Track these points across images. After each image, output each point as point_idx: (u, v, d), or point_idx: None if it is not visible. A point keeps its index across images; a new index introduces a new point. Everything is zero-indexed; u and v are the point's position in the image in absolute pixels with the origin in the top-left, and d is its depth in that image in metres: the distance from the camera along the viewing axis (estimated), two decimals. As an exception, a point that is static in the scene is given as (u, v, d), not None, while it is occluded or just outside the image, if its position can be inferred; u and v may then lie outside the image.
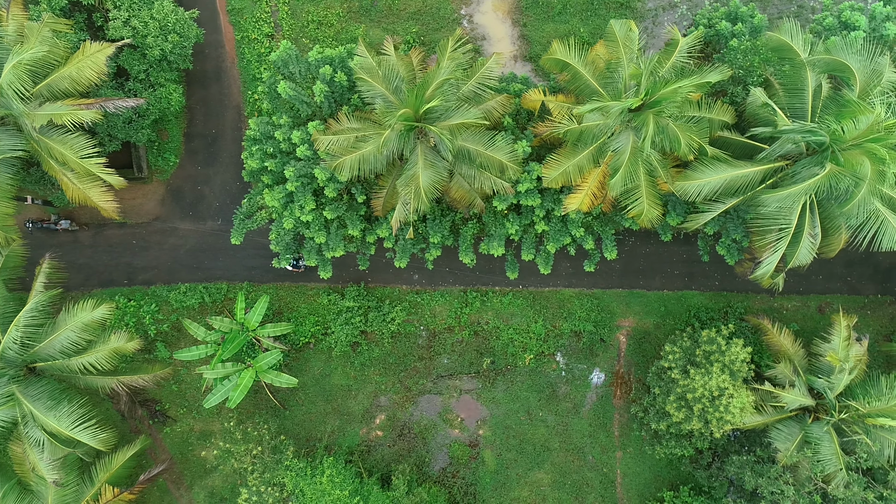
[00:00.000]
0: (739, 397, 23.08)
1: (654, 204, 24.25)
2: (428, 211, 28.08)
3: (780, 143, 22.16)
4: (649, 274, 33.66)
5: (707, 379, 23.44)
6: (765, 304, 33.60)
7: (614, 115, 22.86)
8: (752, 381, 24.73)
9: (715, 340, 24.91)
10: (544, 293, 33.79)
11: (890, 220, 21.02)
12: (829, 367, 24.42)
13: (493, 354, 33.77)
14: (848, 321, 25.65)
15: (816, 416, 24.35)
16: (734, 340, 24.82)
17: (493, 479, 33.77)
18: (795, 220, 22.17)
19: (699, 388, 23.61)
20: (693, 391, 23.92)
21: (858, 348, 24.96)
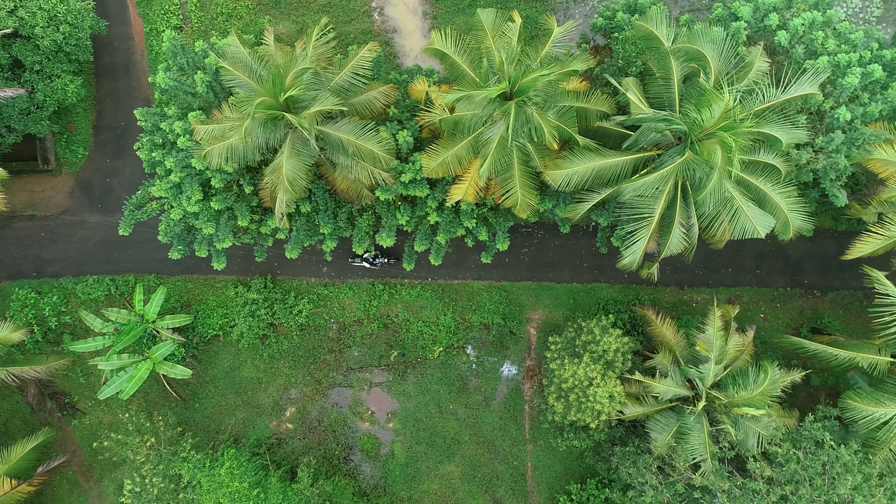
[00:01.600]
0: (605, 386, 23.05)
1: (528, 193, 24.21)
2: (322, 203, 28.09)
3: (641, 131, 22.13)
4: (558, 267, 33.63)
5: (576, 368, 23.42)
6: (674, 296, 33.59)
7: (482, 105, 22.81)
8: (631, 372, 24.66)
9: (592, 331, 24.88)
10: (453, 286, 33.76)
11: (743, 209, 21.00)
12: (706, 358, 24.41)
13: (404, 347, 33.75)
14: (726, 312, 25.57)
15: (695, 407, 24.33)
16: (612, 330, 24.79)
17: (403, 472, 33.75)
18: (659, 210, 22.13)
19: (569, 378, 23.57)
20: (565, 381, 23.89)
21: (738, 339, 24.93)
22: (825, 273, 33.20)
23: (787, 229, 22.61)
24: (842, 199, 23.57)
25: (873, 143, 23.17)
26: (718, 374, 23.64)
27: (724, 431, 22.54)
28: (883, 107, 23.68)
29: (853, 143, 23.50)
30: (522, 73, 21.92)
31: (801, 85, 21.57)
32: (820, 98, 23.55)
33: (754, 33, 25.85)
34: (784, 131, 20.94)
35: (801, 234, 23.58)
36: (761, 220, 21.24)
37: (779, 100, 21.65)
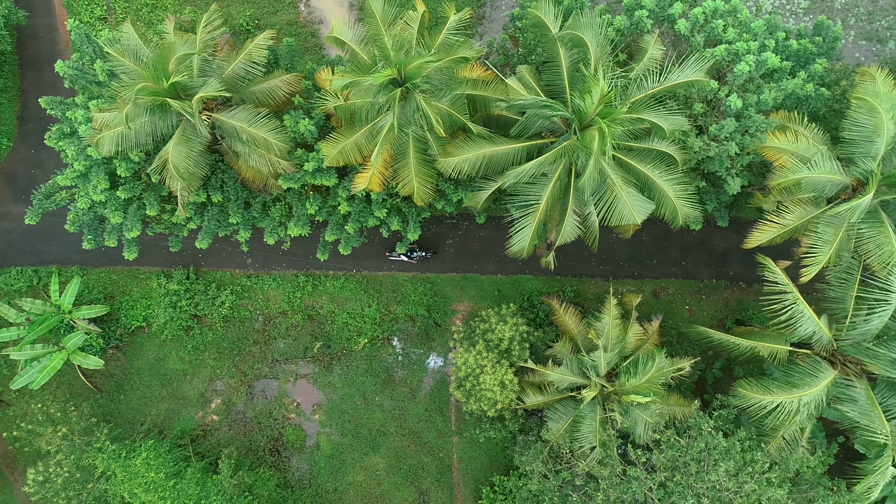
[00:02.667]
0: (495, 374, 23.00)
1: (425, 182, 24.15)
2: (233, 192, 28.07)
3: (527, 118, 22.08)
4: (483, 258, 33.58)
5: (467, 356, 23.37)
6: (600, 288, 33.52)
7: (372, 92, 22.76)
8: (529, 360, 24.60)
9: (488, 319, 24.83)
10: (378, 277, 33.71)
11: (622, 195, 20.94)
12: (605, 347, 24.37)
13: (329, 339, 33.70)
14: (629, 301, 25.52)
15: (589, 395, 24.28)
16: (509, 319, 24.73)
17: (328, 464, 33.69)
18: (546, 197, 22.07)
19: (462, 367, 23.52)
20: (459, 369, 23.85)
21: (638, 328, 24.88)
22: (750, 265, 32.99)
23: (676, 216, 22.55)
24: (733, 186, 23.54)
25: (765, 130, 23.10)
26: (612, 362, 23.58)
27: (611, 418, 22.48)
28: (777, 94, 23.62)
29: (746, 130, 23.47)
30: (408, 60, 21.87)
31: (684, 72, 21.50)
32: (714, 85, 23.53)
33: (660, 22, 25.86)
34: (663, 118, 20.88)
35: (720, 226, 23.57)
36: (639, 205, 21.19)
37: (662, 86, 21.59)
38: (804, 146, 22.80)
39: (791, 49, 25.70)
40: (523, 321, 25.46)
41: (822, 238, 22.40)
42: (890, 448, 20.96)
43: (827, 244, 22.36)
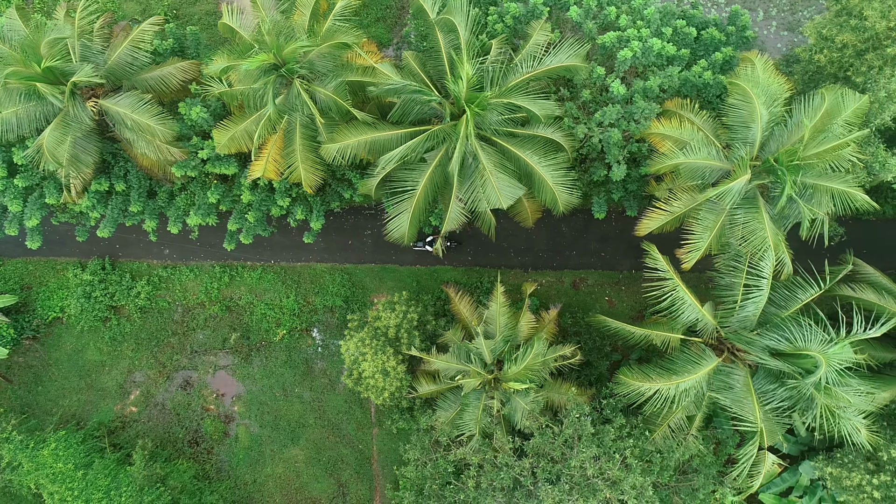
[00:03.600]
0: (374, 361, 22.89)
1: (311, 169, 24.03)
2: (135, 181, 27.98)
3: (403, 103, 21.99)
4: (402, 249, 33.39)
5: (349, 343, 23.25)
6: (519, 279, 33.38)
7: (254, 78, 22.66)
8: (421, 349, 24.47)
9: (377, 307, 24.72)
10: (296, 268, 33.60)
11: (491, 179, 20.82)
12: (493, 334, 24.27)
13: (248, 330, 33.57)
14: (525, 289, 25.42)
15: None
16: (398, 307, 24.61)
17: (247, 456, 33.57)
18: (423, 182, 21.95)
19: (345, 354, 23.40)
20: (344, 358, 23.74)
21: (531, 317, 24.76)
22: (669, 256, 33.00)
23: (556, 202, 22.44)
24: (617, 173, 23.43)
25: (649, 117, 22.98)
26: (498, 350, 23.46)
27: (489, 406, 22.38)
28: (665, 81, 23.50)
29: (631, 116, 23.36)
30: (284, 45, 21.76)
31: (557, 56, 21.39)
32: (601, 72, 23.44)
33: (557, 9, 25.77)
34: (534, 103, 20.77)
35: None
36: (508, 190, 21.07)
37: (536, 71, 21.47)
38: (688, 133, 22.69)
39: (691, 37, 25.63)
40: (416, 309, 25.32)
41: (703, 224, 22.30)
42: (759, 436, 20.84)
43: (707, 230, 22.25)
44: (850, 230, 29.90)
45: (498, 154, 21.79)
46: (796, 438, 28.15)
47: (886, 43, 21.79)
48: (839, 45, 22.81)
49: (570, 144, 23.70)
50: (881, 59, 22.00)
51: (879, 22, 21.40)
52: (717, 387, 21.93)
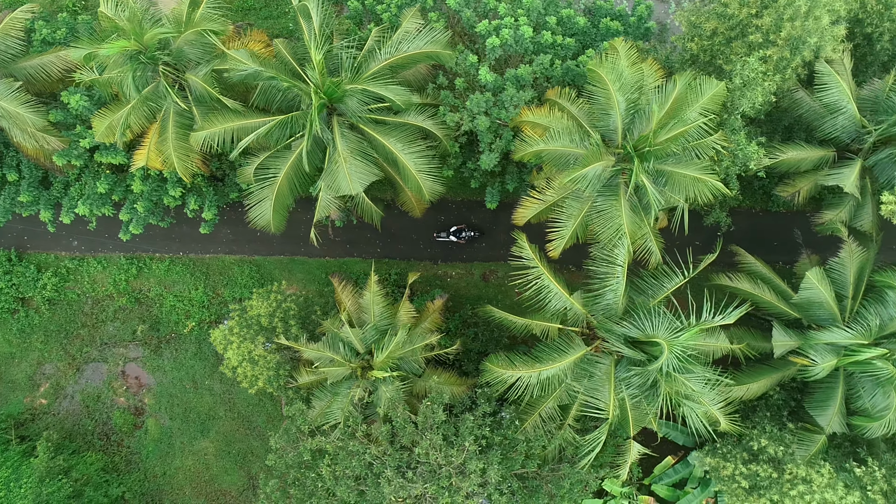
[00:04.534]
0: (238, 350, 22.83)
1: (185, 157, 23.95)
2: (27, 171, 27.93)
3: (262, 90, 21.97)
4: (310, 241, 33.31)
5: (216, 333, 23.17)
6: (429, 270, 33.31)
7: (119, 65, 22.59)
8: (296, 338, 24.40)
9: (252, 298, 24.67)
10: (205, 260, 33.50)
11: (343, 165, 20.73)
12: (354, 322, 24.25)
13: (157, 322, 33.49)
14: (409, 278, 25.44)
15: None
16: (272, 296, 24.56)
17: (157, 448, 33.48)
18: (285, 169, 21.87)
19: (214, 343, 23.34)
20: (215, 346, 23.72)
21: (410, 306, 24.67)
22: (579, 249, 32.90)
23: (421, 190, 22.37)
24: (486, 161, 23.37)
25: (518, 105, 22.90)
26: (370, 338, 23.38)
27: (351, 395, 22.32)
28: (537, 69, 23.41)
29: (502, 105, 23.26)
30: (143, 31, 21.69)
31: (414, 43, 21.31)
32: (473, 59, 23.38)
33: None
34: (387, 89, 20.68)
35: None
36: (359, 176, 21.00)
37: (395, 57, 21.40)
38: (557, 120, 22.60)
39: (578, 26, 25.58)
40: (295, 299, 25.25)
41: (567, 213, 22.24)
42: (607, 424, 20.77)
43: (572, 219, 22.18)
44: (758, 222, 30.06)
45: (359, 140, 21.72)
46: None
47: (750, 30, 21.73)
48: (708, 32, 22.74)
49: (444, 132, 23.64)
50: (746, 46, 21.94)
51: (740, 10, 21.34)
52: (578, 375, 21.83)
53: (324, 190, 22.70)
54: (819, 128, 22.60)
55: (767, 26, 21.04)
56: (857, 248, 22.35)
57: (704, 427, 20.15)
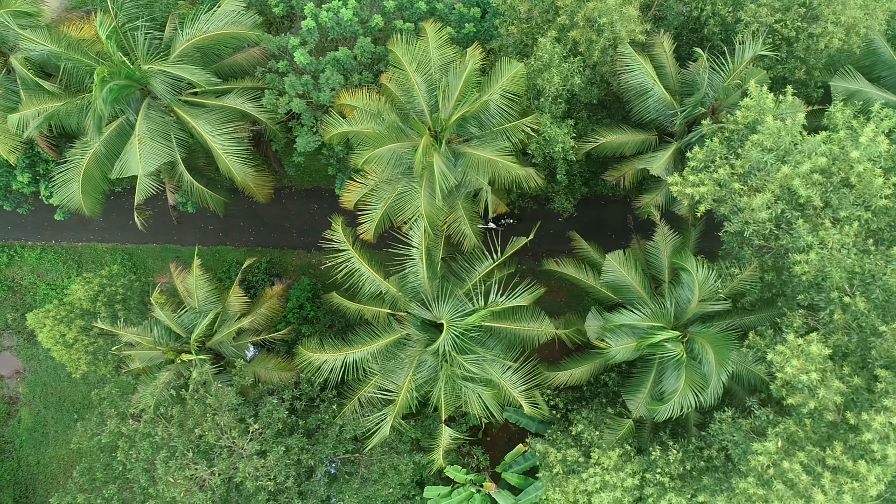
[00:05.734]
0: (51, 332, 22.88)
1: (6, 140, 23.85)
2: None
3: (65, 70, 21.90)
4: (184, 229, 33.26)
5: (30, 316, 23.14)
6: (302, 259, 33.21)
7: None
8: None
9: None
10: (77, 248, 33.41)
11: (136, 145, 20.64)
12: (205, 310, 24.12)
13: (32, 310, 33.11)
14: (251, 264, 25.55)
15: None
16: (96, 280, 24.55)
17: (31, 437, 33.40)
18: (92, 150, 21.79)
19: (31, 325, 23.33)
20: (36, 330, 23.75)
21: (240, 292, 24.61)
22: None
23: (231, 173, 22.28)
24: (302, 143, 23.29)
25: (335, 88, 22.78)
26: (188, 323, 23.32)
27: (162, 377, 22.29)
28: (358, 52, 23.27)
29: (327, 85, 23.11)
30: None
31: (214, 24, 21.19)
32: (294, 41, 23.25)
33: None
34: (184, 70, 20.57)
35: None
36: (152, 157, 20.90)
37: (196, 38, 21.30)
38: (373, 103, 22.47)
39: (421, 11, 25.45)
40: (122, 282, 25.21)
41: (377, 195, 22.11)
42: (395, 406, 20.66)
43: (381, 201, 22.07)
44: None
45: (163, 123, 21.64)
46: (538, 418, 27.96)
47: (561, 13, 21.61)
48: (524, 16, 22.62)
49: (268, 116, 23.55)
50: (557, 28, 21.84)
51: (542, -9, 21.22)
52: (386, 357, 21.73)
53: (135, 172, 22.56)
54: (633, 110, 22.47)
55: (571, 7, 20.94)
56: (670, 232, 22.22)
57: (489, 412, 20.08)
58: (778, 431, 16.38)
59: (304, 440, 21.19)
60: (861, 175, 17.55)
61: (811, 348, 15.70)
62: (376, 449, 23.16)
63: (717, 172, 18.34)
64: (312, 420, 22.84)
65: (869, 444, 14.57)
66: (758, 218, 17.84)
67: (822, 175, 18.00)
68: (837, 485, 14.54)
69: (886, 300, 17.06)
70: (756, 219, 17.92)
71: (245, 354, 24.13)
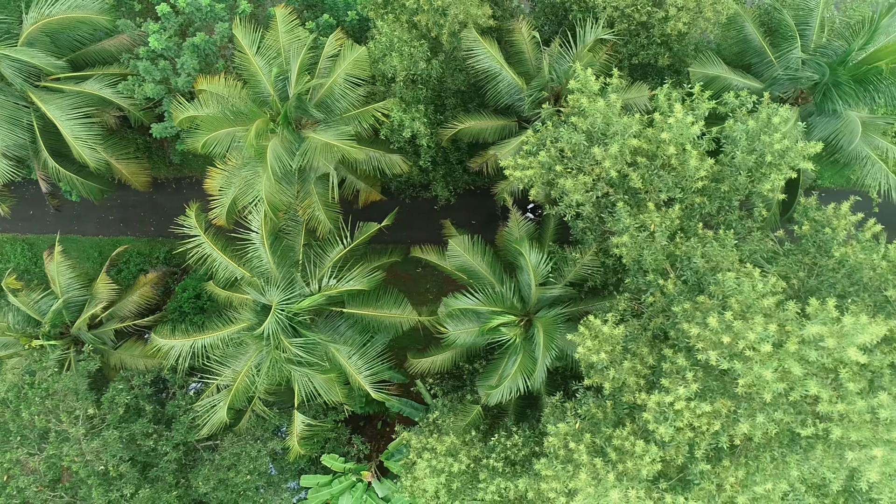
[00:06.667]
0: None
1: None
2: None
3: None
4: (84, 219, 33.21)
5: None
6: (193, 251, 33.12)
7: None
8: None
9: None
10: (-24, 238, 33.36)
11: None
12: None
13: (-67, 301, 33.35)
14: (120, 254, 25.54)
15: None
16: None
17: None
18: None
19: None
20: None
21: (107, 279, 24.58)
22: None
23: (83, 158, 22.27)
24: (157, 130, 23.22)
25: (191, 73, 22.72)
26: (45, 309, 23.29)
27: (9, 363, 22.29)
28: (217, 38, 23.19)
29: (183, 70, 23.04)
30: None
31: (57, 7, 21.12)
32: (153, 26, 23.19)
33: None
34: (27, 54, 20.57)
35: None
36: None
37: (41, 22, 21.21)
38: (230, 88, 22.41)
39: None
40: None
41: (228, 181, 22.03)
42: (229, 391, 20.61)
43: (231, 186, 21.99)
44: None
45: (15, 108, 21.58)
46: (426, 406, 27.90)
47: (411, -4, 21.51)
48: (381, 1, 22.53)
49: (129, 103, 23.48)
50: (408, 12, 21.75)
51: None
52: (235, 344, 21.66)
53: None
54: (486, 95, 22.40)
55: (415, -10, 20.87)
56: (521, 218, 22.15)
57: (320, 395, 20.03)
58: (580, 413, 16.31)
59: (149, 426, 21.11)
60: (679, 157, 17.52)
61: (603, 329, 15.63)
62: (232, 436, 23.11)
63: (540, 155, 18.26)
64: (170, 406, 22.76)
65: (647, 423, 14.50)
66: (572, 201, 17.77)
67: (645, 158, 17.98)
68: (611, 464, 14.47)
69: (697, 282, 16.99)
70: (571, 202, 17.86)
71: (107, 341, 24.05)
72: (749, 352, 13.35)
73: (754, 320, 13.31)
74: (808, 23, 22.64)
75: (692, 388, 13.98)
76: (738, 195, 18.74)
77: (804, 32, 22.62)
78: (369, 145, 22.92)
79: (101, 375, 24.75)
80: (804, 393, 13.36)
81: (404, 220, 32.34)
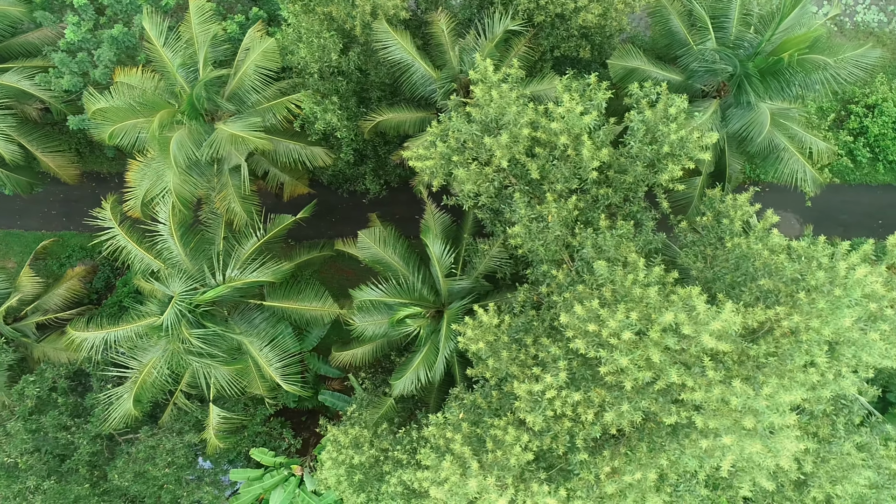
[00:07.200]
0: None
1: None
2: None
3: None
4: (27, 214, 33.11)
5: None
6: (146, 245, 33.07)
7: None
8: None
9: None
10: (-84, 233, 33.28)
11: None
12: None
13: None
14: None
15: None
16: None
17: None
18: None
19: None
20: None
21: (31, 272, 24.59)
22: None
23: None
24: (73, 122, 23.17)
25: (108, 65, 22.66)
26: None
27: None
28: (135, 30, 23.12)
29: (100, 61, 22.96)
30: None
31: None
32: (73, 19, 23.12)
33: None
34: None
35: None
36: None
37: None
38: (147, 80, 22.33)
39: (225, -9, 25.33)
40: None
41: (141, 173, 21.97)
42: (135, 383, 20.57)
43: (146, 178, 21.93)
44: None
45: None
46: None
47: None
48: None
49: (50, 95, 23.43)
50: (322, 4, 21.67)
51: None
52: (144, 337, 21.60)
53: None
54: (402, 87, 22.33)
55: (327, -18, 20.80)
56: (437, 210, 22.09)
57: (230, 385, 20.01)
58: (464, 403, 16.27)
59: (62, 418, 21.07)
60: (575, 148, 17.47)
61: (484, 319, 15.58)
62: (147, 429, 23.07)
63: (439, 145, 18.21)
64: (88, 399, 22.71)
65: (519, 411, 14.46)
66: (468, 191, 17.72)
67: (544, 149, 17.92)
68: (485, 453, 14.42)
69: (588, 272, 16.93)
70: (468, 192, 17.81)
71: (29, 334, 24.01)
72: (613, 340, 13.30)
73: (616, 308, 13.26)
74: (727, 14, 22.56)
75: (561, 376, 13.93)
76: (642, 186, 18.69)
77: (723, 24, 22.53)
78: (290, 138, 22.87)
79: (27, 368, 24.70)
80: (669, 382, 13.32)
81: (346, 214, 32.40)
